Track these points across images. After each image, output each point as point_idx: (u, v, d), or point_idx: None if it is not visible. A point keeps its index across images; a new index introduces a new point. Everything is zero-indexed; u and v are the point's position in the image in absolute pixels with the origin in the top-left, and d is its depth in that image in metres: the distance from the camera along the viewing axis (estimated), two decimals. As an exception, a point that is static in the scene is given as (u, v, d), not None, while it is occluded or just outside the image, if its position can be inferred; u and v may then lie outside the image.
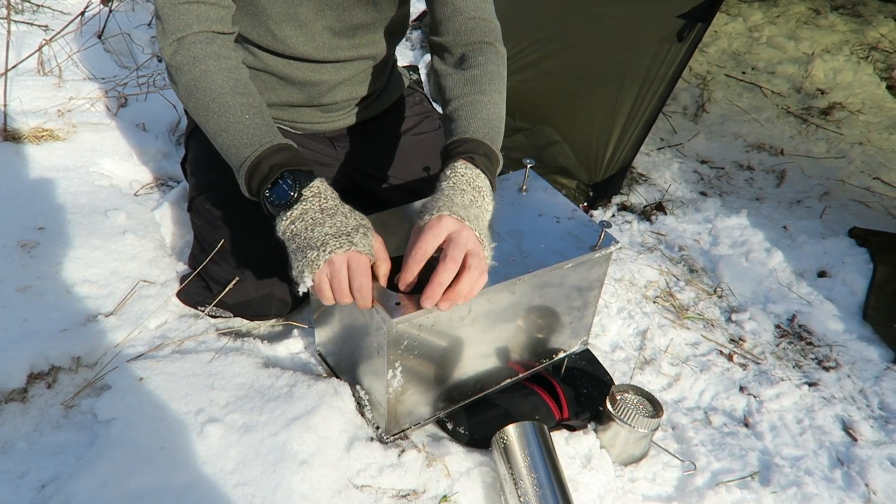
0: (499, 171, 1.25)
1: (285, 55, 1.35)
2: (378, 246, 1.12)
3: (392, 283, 1.12)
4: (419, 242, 1.06)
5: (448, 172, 1.15)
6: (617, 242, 1.30)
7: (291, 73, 1.39)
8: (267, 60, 1.37)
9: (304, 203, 1.09)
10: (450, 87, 1.29)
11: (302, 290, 1.09)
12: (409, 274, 1.07)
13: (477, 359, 1.28)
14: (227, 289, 1.40)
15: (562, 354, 1.45)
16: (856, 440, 1.51)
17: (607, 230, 1.28)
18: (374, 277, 1.12)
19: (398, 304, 1.09)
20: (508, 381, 1.39)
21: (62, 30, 2.38)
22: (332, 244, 1.05)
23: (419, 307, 1.06)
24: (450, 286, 1.04)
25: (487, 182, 1.17)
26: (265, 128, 1.15)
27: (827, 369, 1.71)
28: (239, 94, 1.18)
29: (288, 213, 1.10)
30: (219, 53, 1.20)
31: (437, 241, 1.06)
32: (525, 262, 1.21)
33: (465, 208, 1.10)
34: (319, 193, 1.11)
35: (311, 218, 1.09)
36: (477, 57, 1.30)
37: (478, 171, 1.16)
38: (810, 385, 1.64)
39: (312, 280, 1.07)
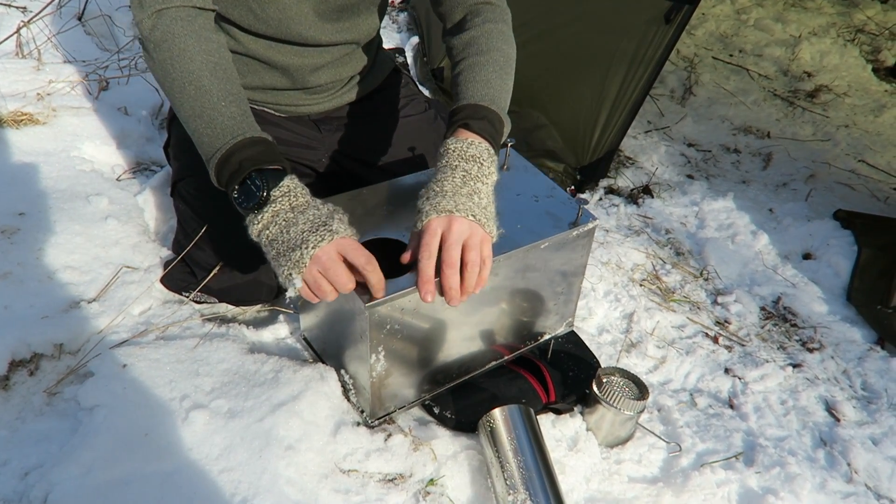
0: (507, 130, 1.23)
1: (267, 36, 1.33)
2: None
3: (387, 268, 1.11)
4: (422, 251, 1.06)
5: (441, 150, 1.15)
6: (595, 219, 1.30)
7: (274, 56, 1.36)
8: (249, 43, 1.35)
9: (273, 205, 1.06)
10: (452, 55, 1.29)
11: (291, 294, 1.06)
12: (426, 275, 1.06)
13: (461, 341, 1.28)
14: (211, 274, 1.39)
15: (547, 336, 1.45)
16: (839, 420, 1.52)
17: (584, 207, 1.27)
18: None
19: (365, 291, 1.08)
20: (493, 363, 1.39)
21: (41, 11, 2.34)
22: (313, 239, 1.03)
23: (401, 288, 1.07)
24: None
25: (484, 146, 1.14)
26: (240, 118, 1.11)
27: (811, 350, 1.72)
28: (217, 78, 1.13)
29: (259, 217, 1.06)
30: (199, 33, 1.15)
31: (436, 241, 1.06)
32: (500, 243, 1.20)
33: (454, 195, 1.09)
34: (289, 192, 1.07)
35: (284, 220, 1.05)
36: (474, 18, 1.29)
37: (471, 138, 1.14)
38: (794, 366, 1.66)
39: (303, 280, 1.04)
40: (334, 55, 1.42)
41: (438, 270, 1.07)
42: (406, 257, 1.11)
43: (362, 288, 1.08)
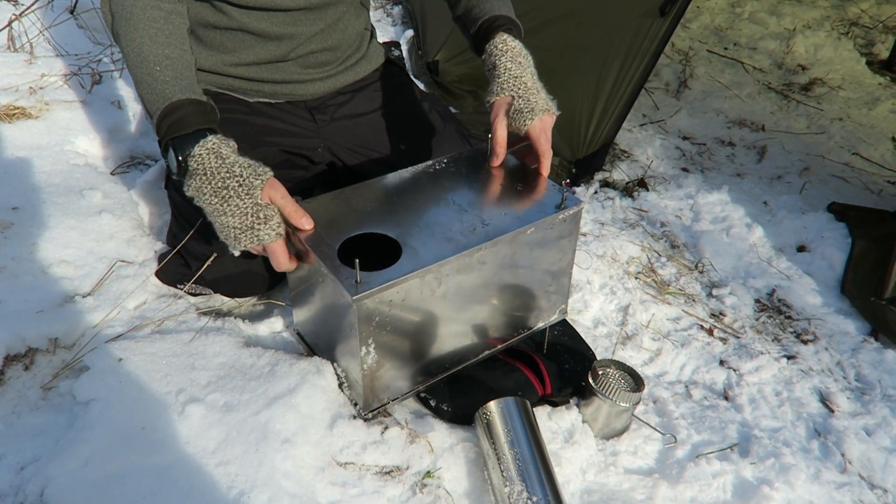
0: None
1: (258, 7, 1.33)
2: (283, 202, 1.14)
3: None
4: (544, 156, 1.30)
5: (501, 47, 1.31)
6: (580, 202, 1.30)
7: (267, 27, 1.38)
8: (241, 17, 1.35)
9: (192, 179, 1.12)
10: None
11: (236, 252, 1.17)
12: (500, 153, 1.32)
13: (452, 331, 1.28)
14: (205, 265, 1.39)
15: (541, 324, 1.45)
16: (833, 411, 1.53)
17: (568, 192, 1.28)
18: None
19: (357, 281, 1.09)
20: (486, 353, 1.39)
21: (32, 4, 2.32)
22: (243, 239, 1.12)
23: (386, 281, 1.10)
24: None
25: (526, 50, 1.35)
26: (173, 81, 1.15)
27: (805, 342, 1.73)
28: (157, 43, 1.17)
29: (186, 186, 1.13)
30: (146, 4, 1.19)
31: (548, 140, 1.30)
32: (486, 231, 1.21)
33: (538, 91, 1.30)
34: (202, 164, 1.11)
35: (207, 202, 1.12)
36: None
37: (519, 42, 1.33)
38: (789, 358, 1.67)
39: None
40: (326, 21, 1.43)
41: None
42: (495, 163, 1.34)
43: (349, 280, 1.09)
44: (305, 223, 1.16)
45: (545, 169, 1.32)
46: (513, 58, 1.31)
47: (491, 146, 1.34)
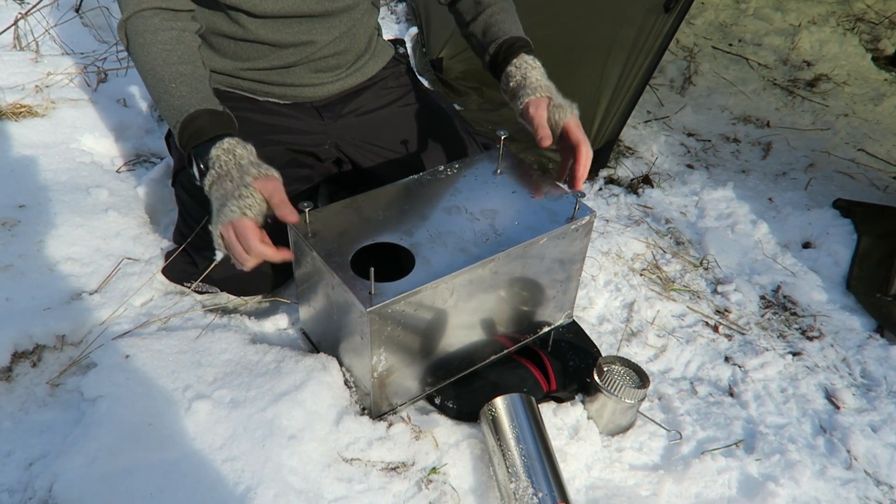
0: None
1: (274, 15, 1.34)
2: (271, 188, 1.14)
3: None
4: (582, 145, 1.32)
5: (532, 63, 1.40)
6: (592, 212, 1.30)
7: (284, 38, 1.39)
8: (257, 29, 1.36)
9: (208, 178, 1.15)
10: (479, 3, 1.49)
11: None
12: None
13: (461, 337, 1.29)
14: (213, 265, 1.39)
15: (546, 329, 1.45)
16: (838, 408, 1.53)
17: (582, 200, 1.28)
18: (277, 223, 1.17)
19: (371, 293, 1.09)
20: (494, 357, 1.40)
21: (38, 3, 2.33)
22: (217, 219, 1.13)
23: (400, 292, 1.09)
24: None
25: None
26: (189, 95, 1.19)
27: (811, 339, 1.73)
28: (171, 63, 1.20)
29: (204, 187, 1.17)
30: (157, 27, 1.22)
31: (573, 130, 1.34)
32: (499, 241, 1.21)
33: (562, 97, 1.38)
34: (217, 163, 1.15)
35: (212, 196, 1.16)
36: None
37: (536, 62, 1.41)
38: (794, 355, 1.66)
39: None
40: (342, 28, 1.44)
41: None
42: (547, 142, 1.34)
43: (363, 291, 1.10)
44: (290, 216, 1.14)
45: (584, 157, 1.32)
46: (542, 74, 1.40)
47: (538, 132, 1.35)
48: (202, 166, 1.16)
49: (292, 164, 1.49)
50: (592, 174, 2.22)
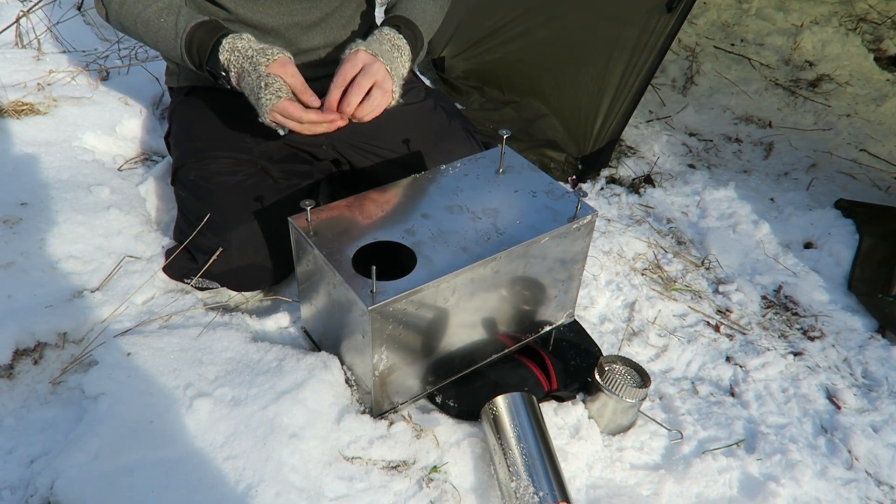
0: (420, 58, 1.45)
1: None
2: (292, 80, 1.24)
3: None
4: (339, 72, 1.25)
5: (374, 33, 1.33)
6: (594, 211, 1.30)
7: (263, 19, 1.41)
8: (238, 9, 1.39)
9: (230, 79, 1.29)
10: None
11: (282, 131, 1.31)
12: (332, 98, 1.25)
13: (462, 335, 1.29)
14: (212, 259, 1.39)
15: (548, 328, 1.45)
16: (839, 408, 1.53)
17: (583, 200, 1.27)
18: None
19: (372, 291, 1.09)
20: (495, 356, 1.40)
21: (39, 1, 2.33)
22: (259, 110, 1.26)
23: (401, 291, 1.10)
24: (360, 104, 1.25)
25: (408, 46, 1.35)
26: (175, 22, 1.30)
27: (812, 339, 1.72)
28: (147, 5, 1.32)
29: (229, 84, 1.31)
30: None
31: (354, 69, 1.25)
32: (501, 240, 1.21)
33: (380, 50, 1.28)
34: (228, 65, 1.27)
35: (242, 90, 1.29)
36: None
37: (400, 35, 1.34)
38: (795, 355, 1.66)
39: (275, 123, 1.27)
40: (323, 10, 1.46)
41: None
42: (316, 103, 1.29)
43: (364, 290, 1.10)
44: (312, 100, 1.25)
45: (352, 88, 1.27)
46: (377, 37, 1.33)
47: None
48: (224, 73, 1.28)
49: (291, 159, 1.49)
50: (594, 174, 2.22)
